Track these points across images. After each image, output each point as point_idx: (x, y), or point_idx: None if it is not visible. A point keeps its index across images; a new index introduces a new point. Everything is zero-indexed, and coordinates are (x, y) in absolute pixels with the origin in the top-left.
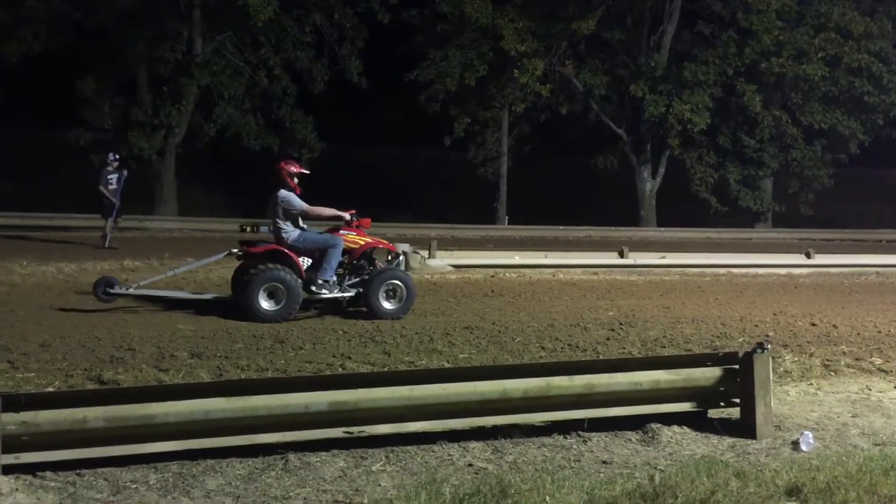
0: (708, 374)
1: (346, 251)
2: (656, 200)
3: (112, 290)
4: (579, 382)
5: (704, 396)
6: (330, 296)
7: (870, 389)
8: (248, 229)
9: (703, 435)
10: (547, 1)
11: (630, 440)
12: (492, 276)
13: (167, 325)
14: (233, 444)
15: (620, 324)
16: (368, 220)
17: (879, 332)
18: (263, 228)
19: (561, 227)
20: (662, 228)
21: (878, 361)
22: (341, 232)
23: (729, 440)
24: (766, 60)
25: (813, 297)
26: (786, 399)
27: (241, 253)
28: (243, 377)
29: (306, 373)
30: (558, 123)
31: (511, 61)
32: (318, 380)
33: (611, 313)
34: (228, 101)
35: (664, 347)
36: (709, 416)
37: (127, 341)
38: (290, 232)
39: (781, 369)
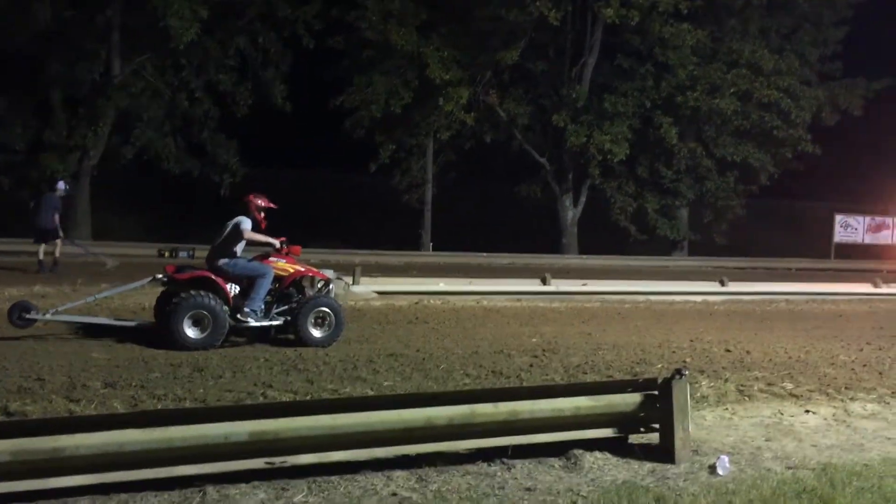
0: (629, 400)
1: (275, 279)
2: (578, 228)
3: (28, 316)
4: (503, 409)
5: (625, 422)
6: (257, 324)
7: (782, 414)
8: (167, 254)
9: (625, 460)
10: (472, 31)
11: (553, 467)
12: (416, 303)
13: (79, 354)
14: (148, 477)
15: (543, 350)
16: (299, 247)
17: (790, 357)
18: (182, 254)
19: (485, 254)
20: (584, 256)
21: (790, 386)
22: (271, 259)
23: (649, 465)
24: (681, 94)
25: (727, 324)
26: (703, 424)
27: (165, 279)
28: (160, 407)
29: (226, 402)
30: (483, 151)
31: (436, 89)
32: (238, 409)
33: (534, 340)
34: (147, 123)
35: (586, 374)
36: (630, 441)
37: (36, 371)
38: (225, 257)
39: (698, 394)
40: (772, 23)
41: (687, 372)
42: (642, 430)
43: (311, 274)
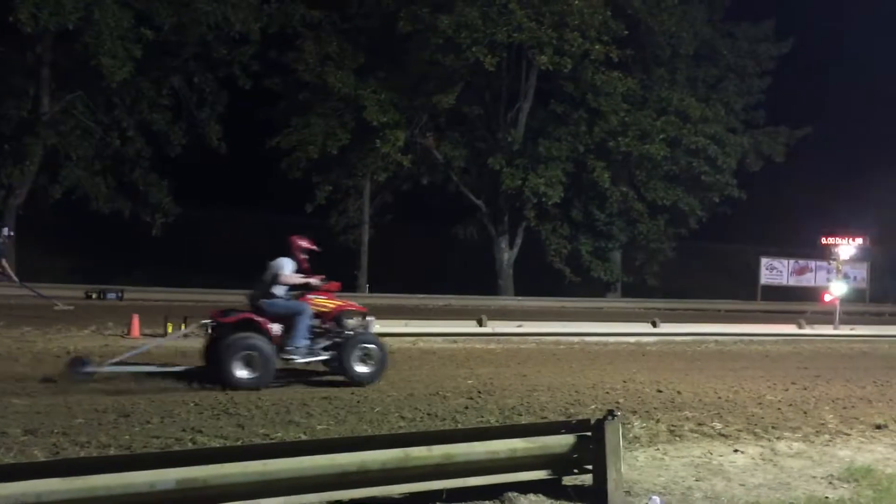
0: (562, 442)
1: (317, 315)
2: (514, 270)
3: (85, 369)
4: (438, 452)
5: (559, 464)
6: (303, 360)
7: (711, 453)
8: (94, 296)
9: (559, 502)
10: (409, 75)
11: None
12: None
13: None
14: None
15: (479, 392)
16: (338, 283)
17: (719, 397)
18: (111, 295)
19: (421, 296)
20: (520, 297)
21: (719, 426)
22: (308, 296)
23: None
24: (613, 139)
25: (659, 365)
26: (635, 464)
27: (214, 324)
28: (82, 455)
29: (152, 449)
30: (419, 193)
31: (373, 131)
32: (165, 456)
33: (470, 382)
34: (76, 162)
35: (521, 415)
36: (564, 483)
37: None
38: (267, 298)
39: (631, 435)
40: (698, 72)
41: (619, 413)
42: (576, 471)
43: (351, 308)
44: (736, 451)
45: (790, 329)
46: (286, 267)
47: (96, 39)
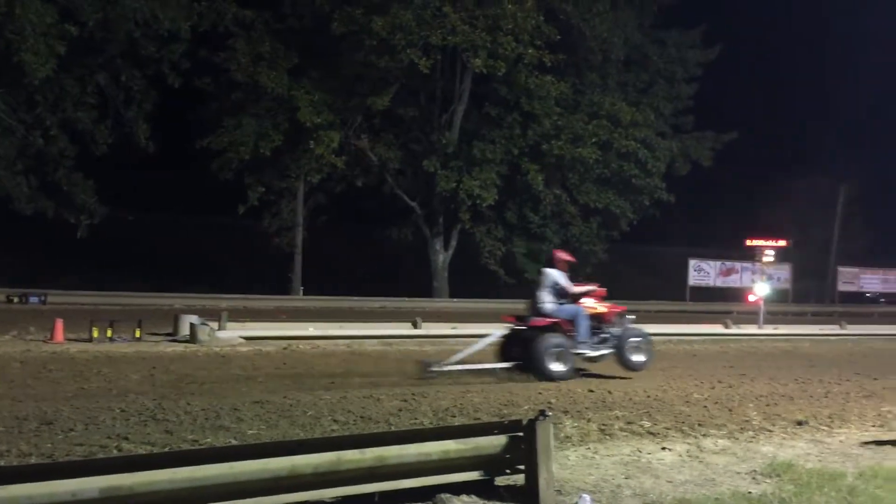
0: (495, 443)
1: (595, 316)
2: (449, 272)
3: (431, 369)
4: (370, 455)
5: (492, 464)
6: (591, 354)
7: (640, 451)
8: (16, 300)
9: (491, 503)
10: (343, 76)
11: None
12: (284, 348)
13: None
14: None
15: (413, 394)
16: (604, 290)
17: (648, 396)
18: (33, 299)
19: (356, 298)
20: (455, 299)
21: (647, 424)
22: (581, 301)
23: None
24: (546, 142)
25: (590, 365)
26: (566, 463)
27: (523, 327)
28: (1, 464)
29: (76, 457)
30: (354, 195)
31: (307, 132)
32: (88, 464)
33: (404, 384)
34: None
35: (454, 417)
36: (496, 483)
37: None
38: (550, 304)
39: (562, 435)
40: (629, 77)
41: (551, 413)
42: (508, 471)
43: (618, 310)
44: (664, 448)
45: (717, 329)
46: (562, 278)
47: (18, 35)
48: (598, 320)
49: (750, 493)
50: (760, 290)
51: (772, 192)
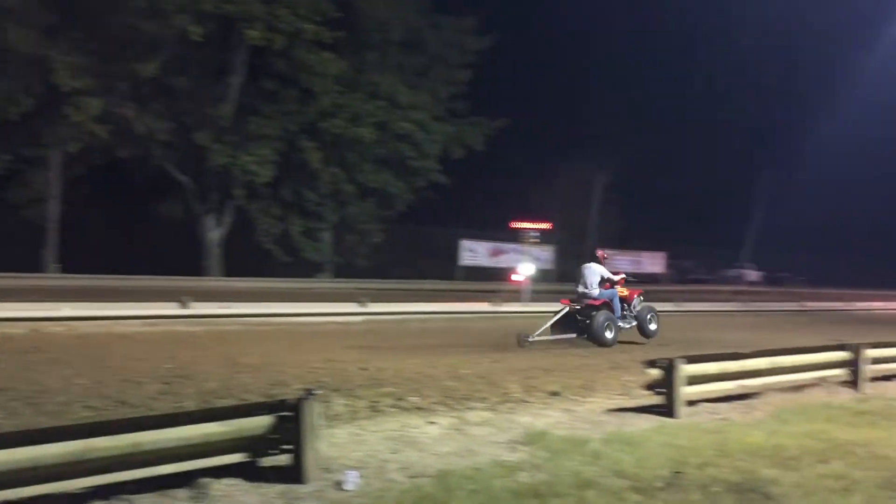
0: (260, 423)
1: (622, 299)
2: (223, 250)
3: (527, 339)
4: (125, 442)
5: (257, 446)
6: (627, 326)
7: (408, 426)
8: None
9: (255, 485)
10: (106, 38)
11: (178, 499)
12: (33, 331)
13: None
14: None
15: (177, 376)
16: (624, 278)
17: (419, 373)
18: None
19: (121, 277)
20: (228, 278)
21: (416, 400)
22: (614, 287)
23: (280, 487)
24: (325, 120)
25: (365, 343)
26: (335, 441)
27: (579, 306)
28: None
29: None
30: (120, 167)
31: (64, 97)
32: None
33: (168, 366)
34: None
35: (221, 399)
36: (262, 464)
37: None
38: (597, 290)
39: (332, 413)
40: (407, 60)
41: (320, 391)
42: (275, 452)
43: (637, 293)
44: (430, 423)
45: (485, 306)
46: (604, 270)
47: None
48: (624, 301)
49: (507, 460)
50: (525, 269)
51: (539, 177)
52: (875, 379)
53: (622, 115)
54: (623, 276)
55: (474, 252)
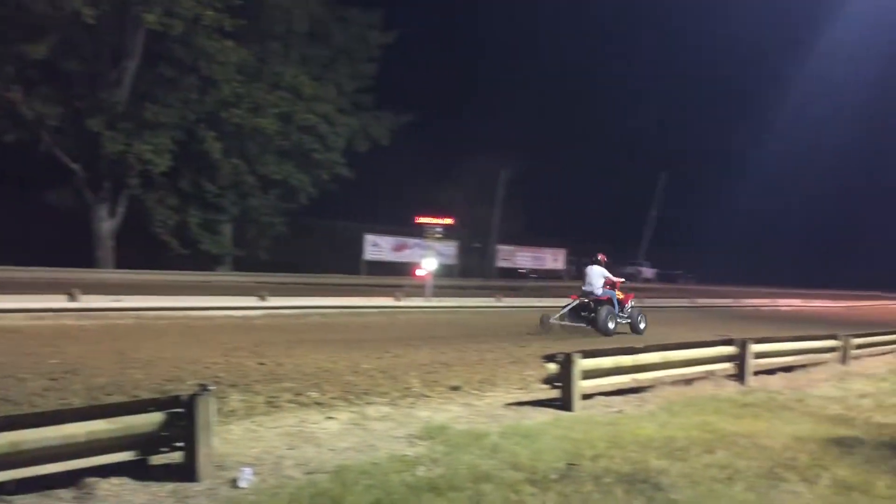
0: (150, 420)
1: (619, 301)
2: (116, 241)
3: (548, 321)
4: (3, 441)
5: (147, 443)
6: (624, 322)
7: (306, 422)
8: None
9: (144, 484)
10: None
11: (62, 499)
12: None
13: None
14: None
15: (64, 372)
16: (620, 281)
17: (318, 368)
18: None
19: (6, 268)
20: (121, 270)
21: (315, 395)
22: (613, 289)
23: (170, 486)
24: (225, 110)
25: (264, 338)
26: (229, 438)
27: (587, 300)
28: None
29: None
30: (4, 153)
31: None
32: None
33: (54, 361)
34: None
35: (111, 395)
36: (152, 463)
37: None
38: (601, 289)
39: (228, 409)
40: (312, 51)
41: (214, 387)
42: (166, 449)
43: (630, 297)
44: (329, 418)
45: (388, 301)
46: (606, 271)
47: None
48: (620, 302)
49: (406, 455)
50: (428, 264)
51: (444, 173)
52: (758, 373)
53: (527, 112)
54: (622, 280)
55: (378, 246)
